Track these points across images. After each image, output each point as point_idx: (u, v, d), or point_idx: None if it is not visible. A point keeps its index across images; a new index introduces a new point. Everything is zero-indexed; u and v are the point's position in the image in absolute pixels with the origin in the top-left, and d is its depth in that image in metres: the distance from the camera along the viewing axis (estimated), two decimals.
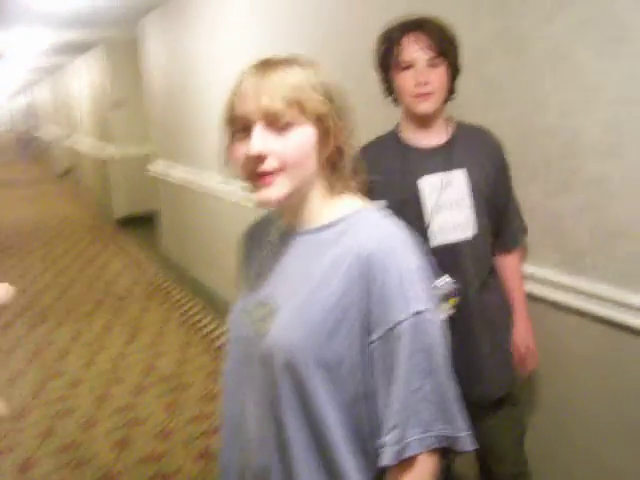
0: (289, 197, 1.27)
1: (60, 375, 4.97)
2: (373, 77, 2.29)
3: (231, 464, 1.47)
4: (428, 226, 2.17)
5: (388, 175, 2.15)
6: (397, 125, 2.31)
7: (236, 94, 1.27)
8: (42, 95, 23.92)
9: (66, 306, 6.69)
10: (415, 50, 2.10)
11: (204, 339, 5.45)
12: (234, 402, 1.44)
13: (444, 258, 2.07)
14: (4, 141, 35.24)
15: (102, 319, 6.21)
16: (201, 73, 5.92)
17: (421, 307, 1.20)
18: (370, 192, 2.13)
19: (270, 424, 1.30)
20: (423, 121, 2.21)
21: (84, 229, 10.92)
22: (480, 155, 2.23)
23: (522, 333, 2.38)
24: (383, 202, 1.35)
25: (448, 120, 2.27)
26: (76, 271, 8.14)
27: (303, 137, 1.25)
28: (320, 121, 1.26)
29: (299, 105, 1.22)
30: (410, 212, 2.09)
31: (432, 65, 2.10)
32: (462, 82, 2.25)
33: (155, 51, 7.50)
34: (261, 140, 1.22)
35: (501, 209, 2.30)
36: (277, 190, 1.25)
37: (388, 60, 2.18)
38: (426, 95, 2.12)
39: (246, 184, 1.30)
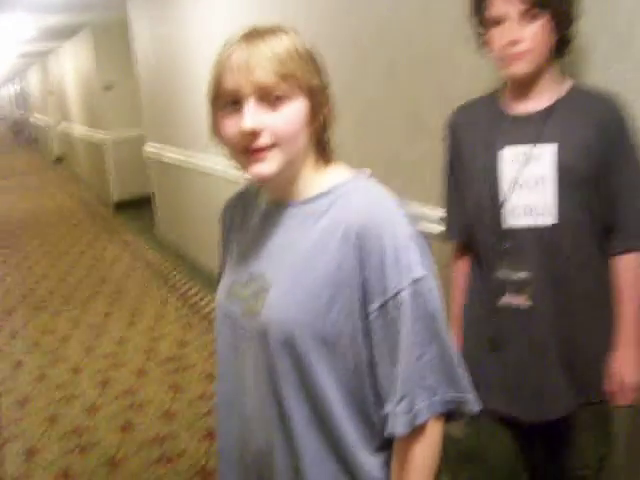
0: (281, 171, 1.25)
1: (62, 361, 4.97)
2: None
3: (229, 447, 1.45)
4: (502, 205, 1.89)
5: (473, 142, 1.97)
6: (500, 87, 2.03)
7: (225, 67, 1.22)
8: (32, 82, 23.79)
9: (65, 293, 6.68)
10: (504, 2, 1.78)
11: (204, 319, 5.44)
12: (229, 382, 1.43)
13: (510, 244, 1.88)
14: None
15: (101, 304, 6.20)
16: (190, 54, 5.87)
17: (419, 274, 1.19)
18: (453, 161, 2.08)
19: (270, 402, 1.29)
20: (520, 84, 1.90)
21: (80, 215, 10.88)
22: (584, 128, 1.82)
23: (620, 362, 1.89)
24: (369, 170, 1.30)
25: (558, 82, 1.91)
26: (74, 258, 8.11)
27: (296, 111, 1.22)
28: (311, 93, 1.24)
29: (293, 78, 1.20)
30: (485, 187, 1.91)
31: (527, 18, 1.77)
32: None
33: (143, 33, 7.43)
34: (255, 115, 1.19)
35: (612, 197, 1.84)
36: (271, 165, 1.22)
37: (479, 14, 1.90)
38: (518, 55, 1.80)
39: (236, 159, 1.28)
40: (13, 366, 4.99)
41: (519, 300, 1.89)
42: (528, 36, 1.78)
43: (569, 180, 1.80)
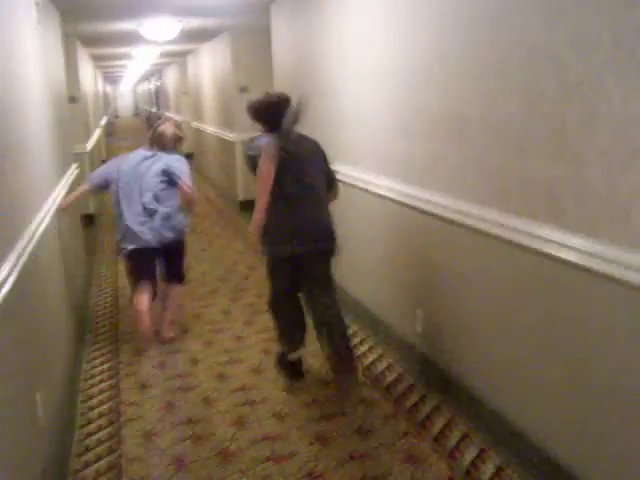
0: None
1: (181, 352, 5.11)
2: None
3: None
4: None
5: None
6: None
7: None
8: (168, 80, 24.64)
9: (187, 287, 6.86)
10: None
11: None
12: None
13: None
14: (130, 125, 36.50)
15: (222, 301, 6.34)
16: (325, 60, 5.92)
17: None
18: None
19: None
20: None
21: (206, 211, 11.18)
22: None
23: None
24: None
25: None
26: (197, 253, 8.33)
27: None
28: None
29: None
30: None
31: None
32: None
33: (283, 38, 7.56)
34: None
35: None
36: None
37: None
38: None
39: None
40: (133, 353, 5.17)
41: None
42: None
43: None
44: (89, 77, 15.44)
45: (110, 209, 7.61)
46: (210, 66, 13.23)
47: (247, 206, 10.70)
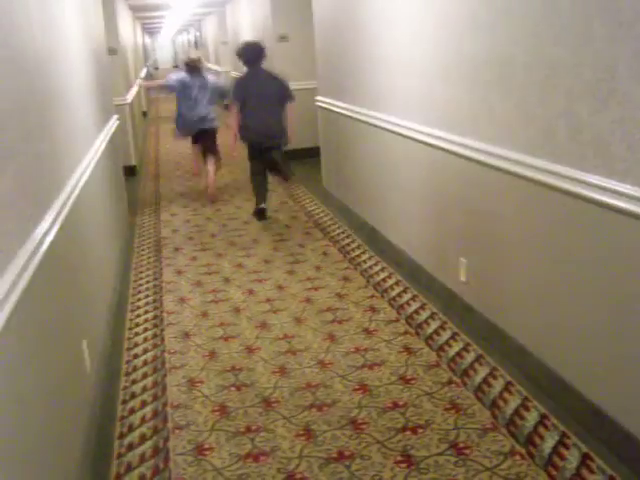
0: None
1: (223, 302, 5.14)
2: None
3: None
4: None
5: None
6: None
7: None
8: (207, 31, 24.48)
9: (228, 237, 6.90)
10: None
11: (363, 275, 5.46)
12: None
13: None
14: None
15: (263, 250, 6.36)
16: (364, 10, 5.81)
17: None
18: None
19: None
20: None
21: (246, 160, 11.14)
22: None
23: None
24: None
25: None
26: (237, 204, 8.36)
27: None
28: None
29: None
30: None
31: None
32: None
33: None
34: None
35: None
36: None
37: None
38: None
39: None
40: (177, 301, 5.22)
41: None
42: None
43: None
44: (128, 28, 15.41)
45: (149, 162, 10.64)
46: (249, 15, 13.09)
47: (289, 156, 10.65)
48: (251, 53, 7.27)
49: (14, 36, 2.85)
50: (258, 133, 7.16)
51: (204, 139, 8.79)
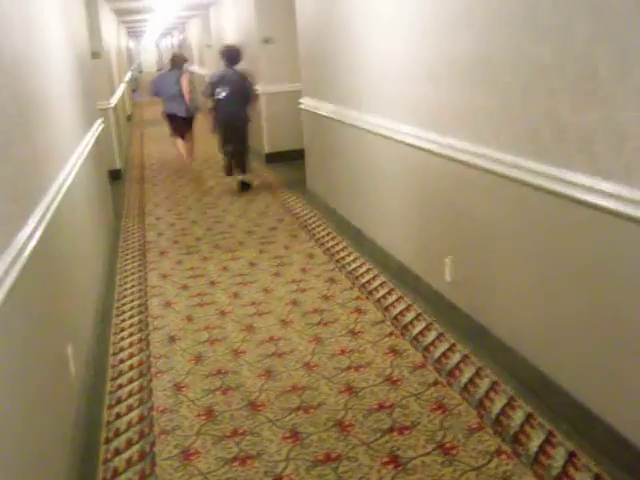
0: None
1: (209, 305, 5.13)
2: None
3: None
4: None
5: None
6: None
7: None
8: (191, 34, 24.45)
9: (214, 239, 6.88)
10: None
11: (349, 276, 5.46)
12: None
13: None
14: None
15: (248, 253, 6.34)
16: (347, 12, 5.81)
17: None
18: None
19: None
20: None
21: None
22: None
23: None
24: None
25: None
26: (223, 206, 8.35)
27: None
28: None
29: None
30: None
31: None
32: None
33: None
34: None
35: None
36: None
37: None
38: None
39: None
40: (163, 305, 5.20)
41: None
42: None
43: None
44: (112, 32, 15.36)
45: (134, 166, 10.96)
46: (233, 18, 13.07)
47: (273, 159, 10.69)
48: (231, 54, 8.91)
49: None
50: (226, 121, 8.93)
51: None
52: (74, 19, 6.50)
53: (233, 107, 8.70)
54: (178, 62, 10.87)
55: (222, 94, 8.65)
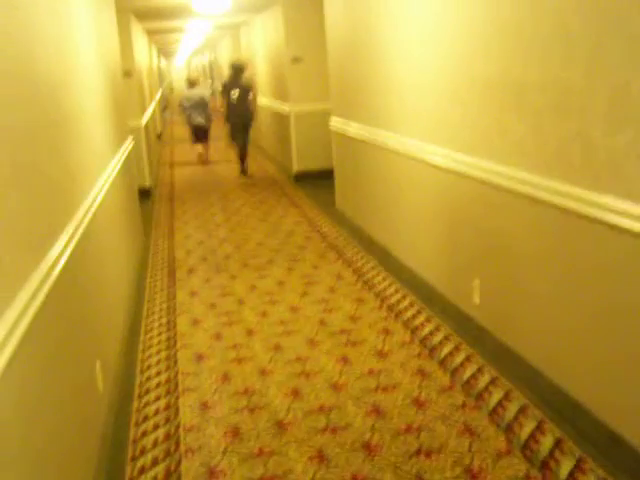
0: None
1: (237, 323, 5.13)
2: None
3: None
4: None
5: None
6: None
7: None
8: (222, 53, 24.66)
9: (242, 258, 6.90)
10: None
11: (377, 296, 5.44)
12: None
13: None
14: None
15: (277, 272, 6.35)
16: (378, 32, 5.83)
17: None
18: None
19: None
20: None
21: (261, 183, 11.21)
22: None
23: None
24: None
25: None
26: (253, 224, 8.37)
27: None
28: None
29: None
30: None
31: None
32: None
33: (336, 9, 7.47)
34: None
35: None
36: None
37: None
38: None
39: None
40: (191, 323, 5.22)
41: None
42: None
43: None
44: (144, 51, 15.54)
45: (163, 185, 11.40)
46: (263, 37, 13.18)
47: (302, 178, 10.71)
48: (238, 67, 11.71)
49: (31, 66, 2.88)
50: (234, 118, 11.80)
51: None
52: (107, 38, 6.59)
53: (242, 106, 11.64)
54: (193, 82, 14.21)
55: (235, 95, 11.51)
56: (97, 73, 5.34)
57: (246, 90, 11.60)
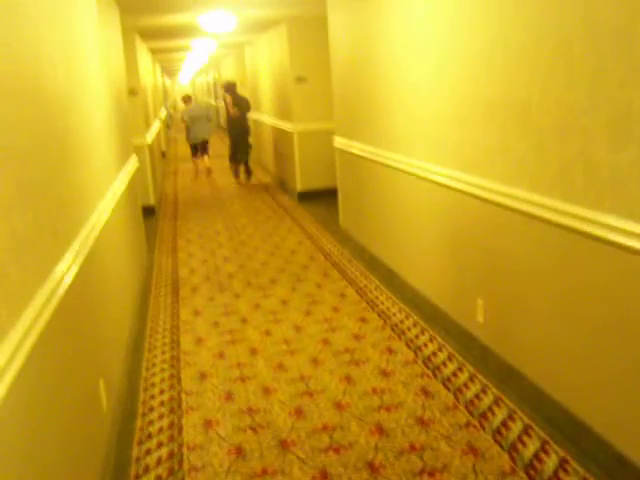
0: None
1: (240, 342, 5.13)
2: None
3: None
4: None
5: None
6: None
7: None
8: (226, 72, 24.77)
9: (246, 277, 6.91)
10: None
11: (381, 316, 5.45)
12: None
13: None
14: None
15: (280, 291, 6.35)
16: (382, 52, 5.86)
17: None
18: None
19: None
20: None
21: (266, 200, 11.23)
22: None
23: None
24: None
25: None
26: (256, 243, 8.39)
27: None
28: None
29: None
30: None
31: None
32: None
33: (339, 29, 7.52)
34: None
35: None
36: None
37: None
38: None
39: None
40: (195, 342, 5.22)
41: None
42: None
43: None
44: (148, 70, 15.63)
45: (167, 203, 10.61)
46: (267, 57, 13.26)
47: (306, 197, 10.74)
48: (231, 86, 13.55)
49: (39, 84, 2.91)
50: (234, 132, 13.65)
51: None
52: (113, 57, 6.64)
53: (241, 122, 13.44)
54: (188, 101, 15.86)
55: (234, 113, 13.27)
56: (103, 92, 5.38)
57: (245, 106, 13.55)
